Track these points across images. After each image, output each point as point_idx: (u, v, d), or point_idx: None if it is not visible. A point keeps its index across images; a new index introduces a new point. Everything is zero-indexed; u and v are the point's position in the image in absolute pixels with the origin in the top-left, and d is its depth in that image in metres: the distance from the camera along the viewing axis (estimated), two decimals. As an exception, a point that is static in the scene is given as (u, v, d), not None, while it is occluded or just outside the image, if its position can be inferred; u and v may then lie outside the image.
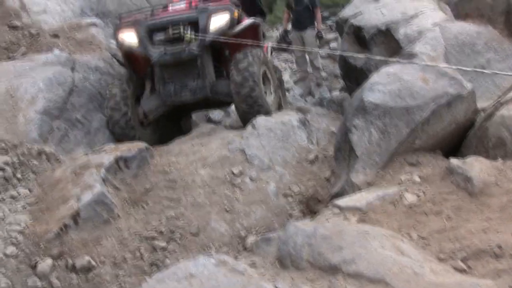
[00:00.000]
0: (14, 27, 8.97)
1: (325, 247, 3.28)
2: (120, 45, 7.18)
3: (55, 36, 8.55)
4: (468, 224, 3.54)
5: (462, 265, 3.10)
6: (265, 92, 6.98)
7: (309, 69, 13.29)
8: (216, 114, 10.47)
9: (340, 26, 7.79)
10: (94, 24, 8.93)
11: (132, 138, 6.82)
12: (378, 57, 4.56)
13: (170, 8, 7.40)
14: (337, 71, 13.30)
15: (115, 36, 7.23)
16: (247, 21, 7.11)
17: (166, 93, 7.06)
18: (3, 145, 5.97)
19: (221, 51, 7.30)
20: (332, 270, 3.11)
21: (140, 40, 6.81)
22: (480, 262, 3.12)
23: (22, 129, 6.29)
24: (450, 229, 3.54)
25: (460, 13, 7.21)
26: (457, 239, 3.39)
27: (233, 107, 9.90)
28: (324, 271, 3.16)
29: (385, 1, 6.96)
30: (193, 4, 7.02)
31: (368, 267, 3.01)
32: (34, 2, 9.57)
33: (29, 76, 6.94)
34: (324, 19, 19.26)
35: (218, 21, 6.73)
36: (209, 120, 10.05)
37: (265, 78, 7.06)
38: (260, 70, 6.76)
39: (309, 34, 12.40)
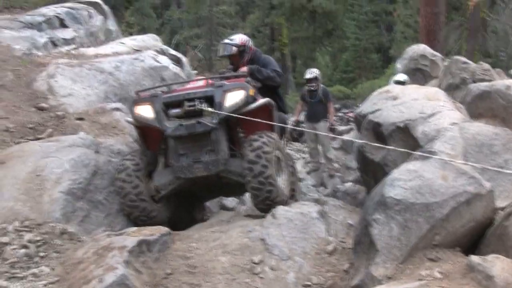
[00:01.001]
0: (41, 109, 9.30)
1: None
2: (135, 119, 7.29)
3: (80, 119, 8.84)
4: (490, 323, 3.59)
5: None
6: (278, 176, 6.98)
7: (322, 160, 13.53)
8: (230, 201, 10.59)
9: (359, 121, 8.01)
10: (117, 109, 9.24)
11: (141, 212, 7.02)
12: (400, 149, 4.72)
13: (187, 85, 7.66)
14: (349, 163, 13.54)
15: (131, 110, 7.41)
16: (261, 100, 7.20)
17: (179, 166, 7.03)
18: (27, 223, 6.12)
19: (235, 132, 7.35)
20: None
21: (156, 114, 6.96)
22: None
23: (47, 208, 6.43)
24: (473, 328, 3.59)
25: (473, 113, 7.44)
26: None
27: (248, 194, 10.06)
28: None
29: (403, 100, 7.19)
30: (209, 82, 7.21)
31: None
32: (61, 86, 9.93)
33: (55, 157, 7.15)
34: (335, 110, 19.75)
35: (234, 97, 6.85)
36: (223, 207, 10.16)
37: (277, 162, 7.08)
38: (273, 152, 6.81)
39: (322, 126, 12.73)
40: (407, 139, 6.61)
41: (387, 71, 28.13)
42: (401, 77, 12.83)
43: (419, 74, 14.73)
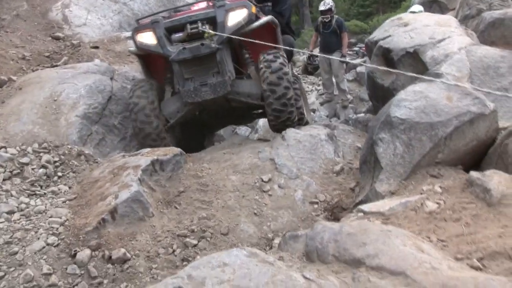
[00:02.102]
0: (56, 38, 9.44)
1: (350, 243, 3.50)
2: (138, 47, 7.19)
3: (95, 47, 8.99)
4: (485, 230, 3.73)
5: (477, 264, 3.29)
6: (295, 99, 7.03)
7: (335, 91, 13.57)
8: (243, 129, 10.77)
9: (370, 48, 8.06)
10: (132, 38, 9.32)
11: (161, 146, 6.87)
12: (409, 74, 4.79)
13: (188, 9, 7.58)
14: (363, 94, 13.58)
15: (133, 38, 7.25)
16: (264, 18, 7.08)
17: (186, 91, 6.91)
18: (45, 145, 6.35)
19: (240, 52, 7.33)
20: (356, 263, 3.33)
21: (159, 40, 6.86)
22: (495, 262, 3.31)
23: (64, 131, 6.66)
24: (468, 234, 3.74)
25: (486, 40, 7.45)
26: (474, 243, 3.59)
27: (260, 122, 10.21)
28: (348, 264, 3.37)
29: (414, 26, 7.22)
30: (210, 3, 7.10)
31: (389, 261, 3.22)
32: (76, 16, 10.06)
33: (71, 83, 7.34)
34: (352, 45, 19.61)
35: (236, 16, 6.77)
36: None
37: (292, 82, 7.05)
38: (290, 73, 6.77)
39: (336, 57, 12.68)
40: (416, 64, 6.68)
41: (404, 4, 27.65)
42: (416, 8, 12.81)
43: (436, 6, 14.59)
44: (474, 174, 4.40)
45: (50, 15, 10.29)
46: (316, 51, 14.09)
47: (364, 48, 19.65)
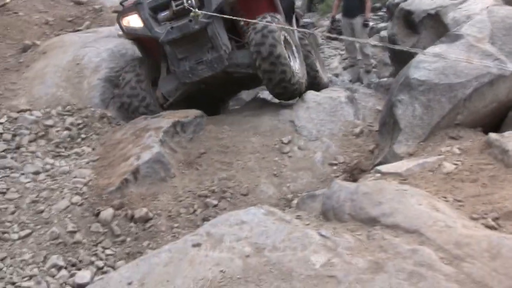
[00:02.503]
0: (78, 3, 9.50)
1: (366, 202, 3.55)
2: (125, 31, 6.86)
3: (117, 12, 9.01)
4: (502, 191, 3.74)
5: (492, 223, 3.32)
6: (289, 57, 6.48)
7: (359, 56, 13.46)
8: (266, 94, 10.78)
9: (391, 10, 8.00)
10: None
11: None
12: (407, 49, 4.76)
13: None
14: (386, 59, 13.44)
15: (118, 23, 6.90)
16: None
17: (182, 72, 6.57)
18: (69, 107, 6.47)
19: (235, 22, 6.86)
20: (371, 222, 3.38)
21: (144, 22, 6.50)
22: (510, 222, 3.33)
23: (86, 94, 6.79)
24: (484, 195, 3.76)
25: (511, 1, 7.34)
26: (490, 203, 3.61)
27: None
28: (364, 223, 3.43)
29: (436, -13, 7.14)
30: None
31: (404, 220, 3.27)
32: (97, -19, 10.06)
33: (93, 47, 7.43)
34: (375, 9, 19.33)
35: None
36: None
37: (287, 44, 6.61)
38: (280, 31, 6.29)
39: (359, 22, 12.54)
40: (437, 26, 6.62)
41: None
42: None
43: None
44: (492, 135, 4.39)
45: (72, -20, 10.34)
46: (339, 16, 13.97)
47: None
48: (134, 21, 6.62)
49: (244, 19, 6.50)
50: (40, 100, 6.60)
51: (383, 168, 4.48)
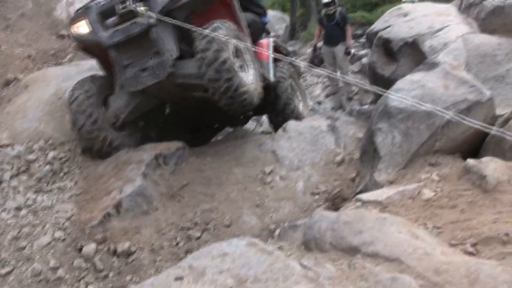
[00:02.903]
0: (61, 36, 9.55)
1: (346, 231, 3.57)
2: (75, 39, 6.60)
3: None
4: (480, 217, 3.79)
5: (471, 249, 3.35)
6: (240, 67, 6.03)
7: (341, 84, 13.58)
8: (249, 124, 10.82)
9: (370, 39, 8.12)
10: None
11: (102, 143, 6.33)
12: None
13: None
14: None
15: (70, 31, 6.63)
16: None
17: (127, 79, 6.14)
18: (51, 141, 6.46)
19: (191, 32, 6.06)
20: (352, 250, 3.40)
21: (92, 27, 6.17)
22: (488, 247, 3.37)
23: (69, 127, 6.75)
24: (463, 221, 3.79)
25: (487, 29, 7.46)
26: (468, 229, 3.65)
27: (264, 116, 10.20)
28: (345, 252, 3.44)
29: (413, 16, 7.27)
30: None
31: (385, 248, 3.29)
32: (80, 14, 10.11)
33: (75, 80, 7.38)
34: (357, 36, 19.55)
35: None
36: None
37: (238, 52, 6.10)
38: (229, 38, 5.80)
39: (340, 50, 12.68)
40: (415, 53, 6.74)
41: (411, -6, 27.51)
42: None
43: (441, -5, 14.55)
44: (470, 161, 4.45)
45: (54, 14, 10.42)
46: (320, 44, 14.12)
47: (369, 39, 19.41)
48: (82, 27, 6.30)
49: (190, 26, 5.87)
50: (22, 134, 6.59)
51: (364, 196, 4.51)
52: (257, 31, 6.82)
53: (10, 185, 5.80)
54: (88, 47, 6.65)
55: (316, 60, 18.19)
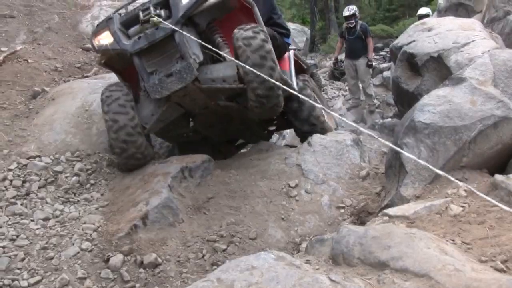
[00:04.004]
0: (87, 49, 9.70)
1: (375, 246, 3.58)
2: (98, 51, 6.55)
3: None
4: (509, 233, 3.76)
5: (502, 266, 3.34)
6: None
7: (362, 97, 13.61)
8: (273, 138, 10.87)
9: (394, 54, 8.12)
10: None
11: (138, 149, 6.26)
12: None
13: None
14: (390, 99, 13.58)
15: (91, 43, 6.59)
16: None
17: (152, 86, 6.02)
18: (78, 153, 6.55)
19: (211, 36, 6.37)
20: (381, 266, 3.40)
21: (114, 36, 6.17)
22: (518, 264, 3.38)
23: (95, 140, 6.86)
24: (492, 237, 3.78)
25: (512, 43, 7.48)
26: (498, 245, 3.63)
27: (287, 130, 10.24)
28: (373, 267, 3.45)
29: (438, 30, 7.25)
30: None
31: (414, 264, 3.29)
32: (105, 27, 10.28)
33: (101, 93, 7.50)
34: (378, 49, 19.60)
35: None
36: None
37: None
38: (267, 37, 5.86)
39: (362, 63, 12.75)
40: (440, 68, 6.71)
41: (430, 7, 27.55)
42: (424, 10, 13.41)
43: (462, 9, 14.49)
44: (498, 177, 4.43)
45: (80, 27, 10.60)
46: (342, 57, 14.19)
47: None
48: (105, 38, 6.31)
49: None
50: (49, 146, 6.68)
51: (391, 211, 4.51)
52: (277, 48, 6.64)
53: (38, 196, 5.87)
54: (110, 60, 6.65)
55: (336, 73, 18.29)
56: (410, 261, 3.33)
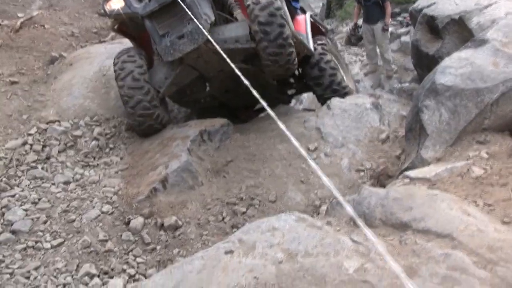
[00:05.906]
0: (103, 15, 9.63)
1: (396, 208, 3.58)
2: (110, 16, 6.54)
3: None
4: (532, 195, 3.76)
5: (524, 227, 3.35)
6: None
7: (380, 62, 13.45)
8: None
9: (414, 16, 8.00)
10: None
11: (155, 120, 6.30)
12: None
13: None
14: (408, 64, 13.42)
15: (103, 9, 6.59)
16: None
17: (163, 48, 6.02)
18: (96, 118, 6.57)
19: (223, 1, 6.49)
20: (403, 227, 3.40)
21: (125, 0, 6.18)
22: (541, 225, 3.36)
23: (113, 104, 6.88)
24: (515, 198, 3.78)
25: (535, 5, 7.31)
26: (521, 207, 3.63)
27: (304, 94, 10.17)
28: (395, 228, 3.45)
29: (459, -8, 7.14)
30: None
31: (436, 224, 3.28)
32: (123, -8, 10.20)
33: (118, 58, 7.48)
34: (395, 14, 19.30)
35: None
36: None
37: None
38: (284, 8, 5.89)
39: (379, 27, 12.56)
40: (461, 31, 6.61)
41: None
42: None
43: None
44: (521, 139, 4.40)
45: (96, -8, 10.51)
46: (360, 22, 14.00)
47: (408, 18, 19.37)
48: (116, 2, 6.29)
49: None
50: (68, 111, 6.71)
51: (411, 173, 4.48)
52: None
53: (58, 160, 5.92)
54: (123, 25, 6.67)
55: (353, 39, 18.08)
56: (433, 222, 3.32)
